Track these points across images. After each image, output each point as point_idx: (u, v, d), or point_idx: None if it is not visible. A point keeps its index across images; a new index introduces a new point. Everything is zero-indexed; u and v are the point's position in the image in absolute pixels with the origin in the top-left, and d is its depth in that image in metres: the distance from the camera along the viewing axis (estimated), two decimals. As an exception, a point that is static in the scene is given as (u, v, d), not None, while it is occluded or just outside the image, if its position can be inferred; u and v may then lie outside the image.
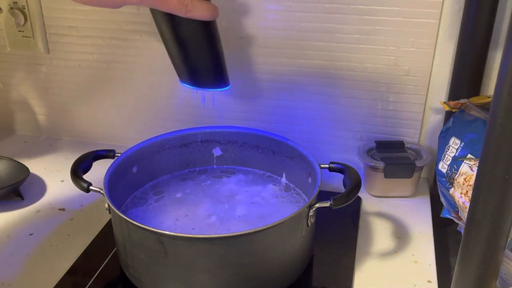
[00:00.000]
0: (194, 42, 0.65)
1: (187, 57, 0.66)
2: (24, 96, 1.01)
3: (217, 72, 0.68)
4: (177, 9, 0.59)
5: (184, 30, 0.63)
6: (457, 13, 0.77)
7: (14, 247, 0.73)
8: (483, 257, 0.47)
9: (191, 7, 0.59)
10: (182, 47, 0.65)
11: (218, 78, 0.69)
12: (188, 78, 0.68)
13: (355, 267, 0.69)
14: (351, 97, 0.85)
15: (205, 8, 0.60)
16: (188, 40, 0.64)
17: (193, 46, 0.65)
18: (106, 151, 0.72)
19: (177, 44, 0.64)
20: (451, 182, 0.71)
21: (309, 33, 0.82)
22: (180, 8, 0.59)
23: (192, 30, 0.63)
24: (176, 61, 0.67)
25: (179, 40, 0.64)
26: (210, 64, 0.67)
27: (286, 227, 0.60)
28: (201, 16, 0.61)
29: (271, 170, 0.80)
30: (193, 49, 0.65)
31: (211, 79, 0.69)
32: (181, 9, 0.59)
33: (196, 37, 0.64)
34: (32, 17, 0.92)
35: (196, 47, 0.65)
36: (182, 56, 0.66)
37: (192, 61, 0.66)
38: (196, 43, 0.65)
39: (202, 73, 0.67)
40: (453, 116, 0.76)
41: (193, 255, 0.58)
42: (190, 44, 0.64)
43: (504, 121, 0.40)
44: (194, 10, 0.59)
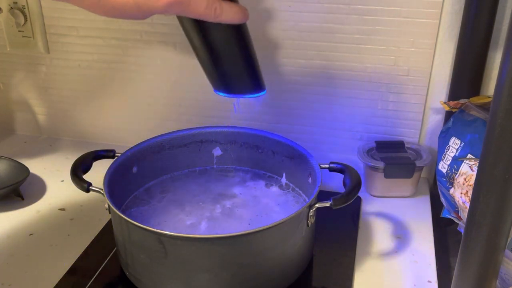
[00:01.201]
0: (225, 48, 0.61)
1: (219, 65, 0.62)
2: (24, 96, 1.01)
3: (252, 77, 0.65)
4: (206, 15, 0.55)
5: (214, 35, 0.59)
6: (457, 13, 0.77)
7: (14, 247, 0.73)
8: (483, 257, 0.47)
9: (220, 11, 0.55)
10: (214, 54, 0.61)
11: (253, 83, 0.65)
12: (222, 86, 0.64)
13: (355, 267, 0.69)
14: (351, 97, 0.85)
15: (235, 11, 0.57)
16: (219, 46, 0.61)
17: (225, 52, 0.61)
18: (106, 151, 0.72)
19: (208, 51, 0.61)
20: (451, 182, 0.71)
21: (309, 33, 0.82)
22: (209, 13, 0.55)
23: (223, 35, 0.60)
24: (208, 69, 0.63)
25: (209, 46, 0.60)
26: (244, 69, 0.64)
27: (286, 227, 0.60)
28: (232, 20, 0.57)
29: (271, 170, 0.80)
30: (225, 55, 0.61)
31: (246, 85, 0.65)
32: (210, 14, 0.55)
33: (228, 42, 0.61)
34: (32, 17, 0.92)
35: (228, 53, 0.61)
36: (214, 64, 0.62)
37: (225, 68, 0.63)
38: (228, 48, 0.61)
39: (236, 79, 0.64)
40: (453, 116, 0.76)
41: (193, 255, 0.58)
42: (221, 50, 0.61)
43: (504, 121, 0.40)
44: (223, 14, 0.56)
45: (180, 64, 0.90)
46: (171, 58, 0.90)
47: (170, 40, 0.88)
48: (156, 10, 0.54)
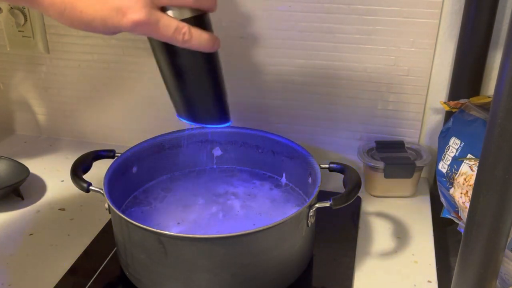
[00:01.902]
0: (192, 74, 0.59)
1: (184, 91, 0.60)
2: (24, 96, 1.01)
3: (217, 108, 0.63)
4: (173, 38, 0.54)
5: (181, 60, 0.58)
6: (457, 13, 0.77)
7: (14, 247, 0.73)
8: (483, 257, 0.47)
9: (189, 37, 0.54)
10: (180, 79, 0.59)
11: (218, 114, 0.63)
12: (185, 113, 0.62)
13: (355, 267, 0.69)
14: (351, 97, 0.85)
15: (205, 38, 0.55)
16: (185, 72, 0.59)
17: (191, 79, 0.59)
18: (106, 151, 0.72)
19: (174, 75, 0.59)
20: (451, 182, 0.71)
21: (309, 33, 0.82)
22: (176, 37, 0.54)
23: (190, 61, 0.58)
24: (172, 93, 0.62)
25: (176, 71, 0.59)
26: (210, 99, 0.62)
27: (286, 227, 0.60)
28: (200, 47, 0.56)
29: (271, 170, 0.80)
30: (191, 81, 0.59)
31: (210, 115, 0.63)
32: (177, 38, 0.54)
33: (194, 69, 0.59)
34: (32, 17, 0.92)
35: (195, 80, 0.59)
36: (179, 89, 0.60)
37: (190, 95, 0.61)
38: (195, 75, 0.59)
39: (200, 108, 0.62)
40: (453, 116, 0.76)
41: (193, 255, 0.58)
42: (188, 76, 0.59)
43: (504, 121, 0.40)
44: (192, 40, 0.54)
45: (180, 64, 0.90)
46: (171, 58, 0.90)
47: (170, 40, 0.88)
48: (122, 28, 0.54)
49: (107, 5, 0.52)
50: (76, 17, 0.53)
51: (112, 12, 0.53)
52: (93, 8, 0.53)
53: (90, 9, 0.53)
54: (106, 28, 0.54)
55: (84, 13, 0.53)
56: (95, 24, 0.54)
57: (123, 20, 0.53)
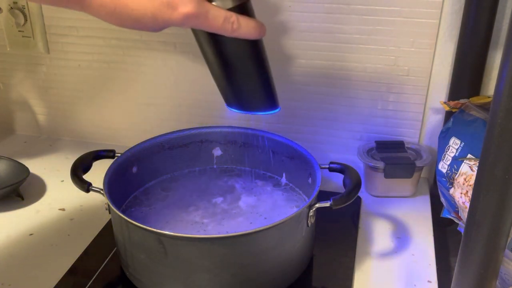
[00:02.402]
0: (240, 63, 0.59)
1: (233, 80, 0.61)
2: (24, 96, 1.01)
3: (266, 94, 0.63)
4: (223, 29, 0.54)
5: (230, 50, 0.58)
6: (457, 13, 0.77)
7: (14, 247, 0.73)
8: (483, 257, 0.47)
9: (238, 26, 0.54)
10: (228, 69, 0.59)
11: (267, 101, 0.64)
12: (235, 102, 0.63)
13: (355, 267, 0.69)
14: (351, 97, 0.85)
15: (252, 26, 0.56)
16: (234, 61, 0.59)
17: (240, 68, 0.60)
18: (106, 151, 0.72)
19: (222, 66, 0.59)
20: (451, 182, 0.71)
21: (309, 33, 0.82)
22: (226, 27, 0.54)
23: (239, 50, 0.58)
24: (221, 84, 0.62)
25: (224, 62, 0.59)
26: (259, 86, 0.62)
27: (286, 227, 0.60)
28: (248, 35, 0.56)
29: (271, 170, 0.80)
30: (240, 71, 0.60)
31: (260, 102, 0.63)
32: (227, 28, 0.54)
33: (243, 57, 0.59)
34: (32, 17, 0.92)
35: (243, 68, 0.60)
36: (228, 79, 0.61)
37: (239, 84, 0.61)
38: (243, 64, 0.59)
39: (250, 96, 0.63)
40: (453, 116, 0.76)
41: (193, 255, 0.58)
42: (236, 65, 0.59)
43: (504, 121, 0.40)
44: (240, 28, 0.55)
45: (180, 64, 0.90)
46: (171, 58, 0.90)
47: (170, 40, 0.88)
48: (172, 22, 0.53)
49: (157, 1, 0.52)
50: (127, 15, 0.53)
51: (163, 7, 0.52)
52: (144, 5, 0.52)
53: (140, 6, 0.52)
54: (156, 24, 0.54)
55: (135, 11, 0.52)
56: (146, 21, 0.53)
57: (173, 14, 0.52)
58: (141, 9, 0.52)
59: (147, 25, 0.54)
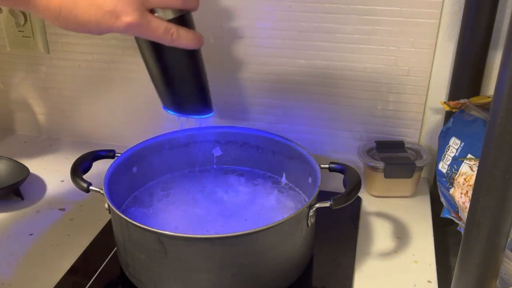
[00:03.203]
0: (178, 70, 0.64)
1: (170, 85, 0.65)
2: (24, 96, 1.01)
3: (201, 100, 0.68)
4: (162, 38, 0.58)
5: (168, 58, 0.62)
6: (457, 13, 0.77)
7: (14, 247, 0.73)
8: (483, 257, 0.47)
9: (177, 36, 0.59)
10: (166, 74, 0.64)
11: (202, 106, 0.68)
12: (171, 105, 0.67)
13: (355, 267, 0.69)
14: (351, 97, 0.85)
15: (190, 37, 0.60)
16: (172, 68, 0.64)
17: (177, 74, 0.64)
18: (106, 151, 0.72)
19: (160, 71, 0.64)
20: (451, 182, 0.71)
21: (309, 33, 0.82)
22: (165, 36, 0.58)
23: (176, 58, 0.63)
24: (159, 88, 0.67)
25: (163, 68, 0.63)
26: (194, 92, 0.67)
27: (286, 227, 0.60)
28: (186, 45, 0.60)
29: (271, 170, 0.80)
30: (176, 77, 0.64)
31: (195, 107, 0.68)
32: (166, 38, 0.58)
33: (180, 65, 0.64)
34: (32, 17, 0.92)
35: (180, 75, 0.64)
36: (165, 84, 0.65)
37: (176, 89, 0.66)
38: (180, 71, 0.64)
39: (185, 100, 0.67)
40: (453, 116, 0.76)
41: (193, 255, 0.58)
42: (173, 72, 0.64)
43: (504, 121, 0.40)
44: (179, 38, 0.59)
45: (180, 64, 0.90)
46: (171, 58, 0.90)
47: (170, 40, 0.88)
48: (115, 30, 0.56)
49: (101, 9, 0.55)
50: (71, 20, 0.56)
51: (106, 15, 0.55)
52: (88, 12, 0.55)
53: (85, 13, 0.55)
54: (99, 30, 0.57)
55: (80, 17, 0.56)
56: (90, 27, 0.56)
57: (116, 23, 0.56)
58: (85, 15, 0.55)
59: (91, 30, 0.57)
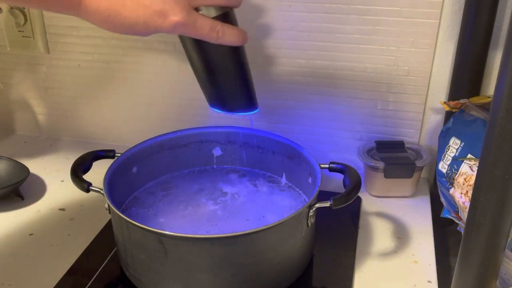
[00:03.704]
0: (223, 68, 0.64)
1: (216, 82, 0.65)
2: (24, 96, 1.01)
3: (246, 97, 0.68)
4: (209, 36, 0.59)
5: (214, 55, 0.63)
6: (457, 13, 0.77)
7: (14, 247, 0.73)
8: (483, 257, 0.47)
9: (222, 33, 0.59)
10: (212, 72, 0.64)
11: (247, 102, 0.69)
12: (217, 102, 0.68)
13: (355, 267, 0.69)
14: (351, 97, 0.85)
15: (236, 34, 0.61)
16: (217, 66, 0.64)
17: (223, 71, 0.65)
18: (106, 151, 0.72)
19: (206, 69, 0.64)
20: (451, 182, 0.71)
21: (309, 33, 0.82)
22: (211, 34, 0.59)
23: (222, 56, 0.63)
24: (205, 86, 0.67)
25: (208, 66, 0.64)
26: (239, 88, 0.67)
27: (286, 227, 0.60)
28: (232, 42, 0.61)
29: (271, 170, 0.80)
30: (222, 74, 0.65)
31: (240, 104, 0.68)
32: (212, 36, 0.59)
33: (226, 62, 0.64)
34: (32, 17, 0.92)
35: (226, 72, 0.65)
36: (211, 82, 0.65)
37: (222, 86, 0.66)
38: (226, 68, 0.64)
39: (231, 97, 0.67)
40: (453, 116, 0.76)
41: (193, 255, 0.58)
42: (219, 69, 0.64)
43: (504, 121, 0.40)
44: (225, 36, 0.59)
45: (180, 64, 0.90)
46: (170, 58, 0.90)
47: (170, 40, 0.88)
48: (163, 30, 0.57)
49: (149, 9, 0.56)
50: (120, 22, 0.56)
51: (154, 15, 0.56)
52: (136, 13, 0.56)
53: (133, 14, 0.56)
54: (147, 31, 0.57)
55: (128, 18, 0.56)
56: (138, 28, 0.57)
57: (164, 23, 0.56)
58: (134, 17, 0.56)
59: (138, 31, 0.57)
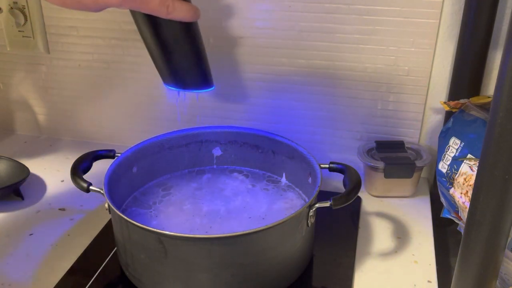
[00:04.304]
0: (176, 44, 0.64)
1: (169, 59, 0.65)
2: (24, 96, 1.01)
3: (201, 74, 0.68)
4: (158, 11, 0.58)
5: (165, 32, 0.62)
6: (457, 13, 0.77)
7: (14, 247, 0.73)
8: (483, 257, 0.47)
9: (172, 9, 0.59)
10: (164, 49, 0.64)
11: (202, 79, 0.68)
12: (171, 80, 0.67)
13: (355, 267, 0.69)
14: (351, 97, 0.85)
15: (186, 9, 0.60)
16: (170, 42, 0.63)
17: (175, 48, 0.64)
18: (106, 151, 0.72)
19: (159, 46, 0.64)
20: (451, 182, 0.72)
21: (309, 33, 0.82)
22: (161, 9, 0.58)
23: (174, 32, 0.63)
24: (158, 63, 0.67)
25: (161, 42, 0.63)
26: (193, 65, 0.67)
27: (286, 227, 0.60)
28: (183, 17, 0.60)
29: (271, 170, 0.80)
30: (175, 51, 0.64)
31: (195, 81, 0.68)
32: (162, 11, 0.58)
33: (178, 38, 0.64)
34: (32, 17, 0.92)
35: (178, 49, 0.64)
36: (164, 59, 0.65)
37: (175, 63, 0.66)
38: (178, 44, 0.64)
39: (185, 75, 0.67)
40: (453, 116, 0.76)
41: (193, 255, 0.58)
42: (172, 46, 0.64)
43: (504, 121, 0.40)
44: (175, 11, 0.59)
45: (180, 64, 0.90)
46: (171, 58, 0.90)
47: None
48: (111, 3, 0.56)
49: None
50: None
51: None
52: None
53: None
54: (96, 5, 0.57)
55: None
56: (86, 1, 0.56)
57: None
58: None
59: (88, 5, 0.57)
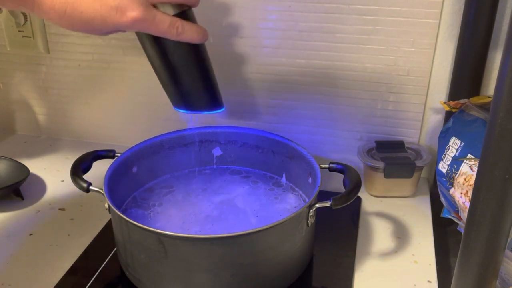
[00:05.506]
0: (184, 66, 0.64)
1: (178, 82, 0.65)
2: (24, 96, 1.01)
3: (210, 95, 0.67)
4: (168, 32, 0.59)
5: (174, 54, 0.62)
6: (457, 13, 0.77)
7: (14, 247, 0.73)
8: (483, 257, 0.47)
9: (182, 30, 0.59)
10: (173, 72, 0.64)
11: (211, 101, 0.68)
12: (181, 103, 0.67)
13: (355, 267, 0.69)
14: (351, 97, 0.85)
15: (195, 30, 0.61)
16: (178, 64, 0.63)
17: (184, 70, 0.64)
18: (106, 151, 0.72)
19: (168, 69, 0.64)
20: (451, 182, 0.71)
21: (309, 33, 0.82)
22: (171, 31, 0.58)
23: (183, 54, 0.63)
24: (167, 86, 0.66)
25: (169, 64, 0.63)
26: (202, 87, 0.66)
27: (286, 227, 0.60)
28: (192, 39, 0.61)
29: (271, 170, 0.80)
30: (183, 73, 0.64)
31: (205, 102, 0.68)
32: (172, 32, 0.59)
33: (187, 60, 0.63)
34: (32, 17, 0.92)
35: (187, 71, 0.64)
36: (173, 81, 0.65)
37: (184, 85, 0.65)
38: (187, 66, 0.64)
39: (195, 97, 0.67)
40: (453, 116, 0.76)
41: (193, 255, 0.58)
42: (181, 68, 0.64)
43: (504, 121, 0.40)
44: (185, 33, 0.59)
45: (180, 64, 0.90)
46: (171, 58, 0.90)
47: (170, 40, 0.88)
48: (121, 26, 0.57)
49: (106, 5, 0.55)
50: (77, 18, 0.56)
51: (112, 11, 0.55)
52: (93, 8, 0.55)
53: (90, 9, 0.55)
54: (105, 27, 0.57)
55: (85, 13, 0.55)
56: (95, 24, 0.56)
57: (122, 18, 0.56)
58: (91, 12, 0.55)
59: (96, 28, 0.57)
